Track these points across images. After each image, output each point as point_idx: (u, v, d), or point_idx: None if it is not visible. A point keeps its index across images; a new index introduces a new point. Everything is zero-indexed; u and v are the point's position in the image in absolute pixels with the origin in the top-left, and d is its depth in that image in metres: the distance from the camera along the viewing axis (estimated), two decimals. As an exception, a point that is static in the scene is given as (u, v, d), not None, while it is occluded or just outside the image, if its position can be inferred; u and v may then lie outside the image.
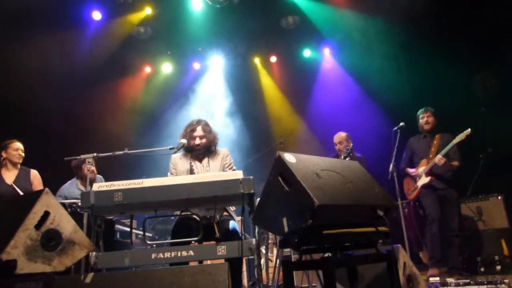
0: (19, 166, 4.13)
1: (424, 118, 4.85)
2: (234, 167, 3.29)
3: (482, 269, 4.45)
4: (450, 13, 5.85)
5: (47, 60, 5.76)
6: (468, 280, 3.35)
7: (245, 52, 7.66)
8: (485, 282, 3.21)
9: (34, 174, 4.18)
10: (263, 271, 4.32)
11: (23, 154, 4.12)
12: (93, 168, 4.29)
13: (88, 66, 6.34)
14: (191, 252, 2.37)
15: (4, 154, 4.03)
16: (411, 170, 4.83)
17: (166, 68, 7.69)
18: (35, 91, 5.62)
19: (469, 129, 4.37)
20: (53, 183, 4.19)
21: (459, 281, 3.41)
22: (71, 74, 6.15)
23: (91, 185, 2.98)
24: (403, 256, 2.93)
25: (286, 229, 2.03)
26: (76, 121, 6.30)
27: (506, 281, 3.20)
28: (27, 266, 1.93)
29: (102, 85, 6.75)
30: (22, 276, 1.99)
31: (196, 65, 7.76)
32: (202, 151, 3.21)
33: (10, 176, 4.03)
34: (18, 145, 4.11)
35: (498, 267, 4.34)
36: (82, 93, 6.33)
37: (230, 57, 7.61)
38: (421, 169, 4.70)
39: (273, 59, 7.78)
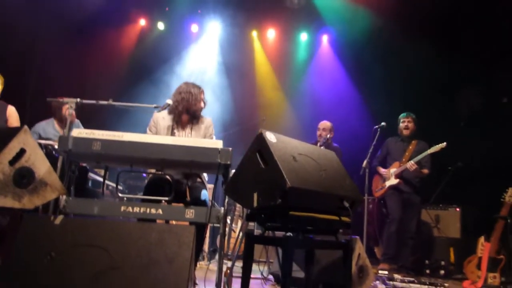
0: None
1: (404, 123, 5.00)
2: (214, 138, 3.33)
3: (427, 271, 4.73)
4: (449, 27, 5.97)
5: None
6: (413, 279, 3.57)
7: (244, 23, 7.56)
8: (427, 283, 3.44)
9: (11, 110, 4.03)
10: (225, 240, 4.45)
11: None
12: (72, 111, 4.24)
13: (81, 11, 6.14)
14: (160, 211, 2.43)
15: None
16: (382, 170, 5.00)
17: (162, 25, 7.53)
18: (25, 31, 5.43)
19: (445, 143, 4.52)
20: (30, 121, 4.13)
21: (404, 278, 3.63)
22: (63, 17, 5.95)
23: (70, 129, 2.97)
24: (359, 248, 3.09)
25: (255, 204, 2.11)
26: (63, 64, 6.13)
27: (446, 285, 3.44)
28: (-4, 199, 1.95)
29: (95, 31, 6.57)
30: (-10, 207, 2.01)
31: (194, 28, 7.62)
32: (198, 115, 3.24)
33: None
34: None
35: (442, 272, 4.64)
36: (74, 38, 6.15)
37: (227, 24, 7.50)
38: (392, 170, 4.88)
39: (271, 33, 7.71)
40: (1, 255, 2.20)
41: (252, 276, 2.31)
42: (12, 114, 4.02)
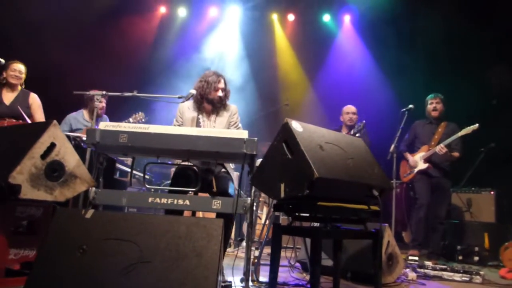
0: (19, 87, 4.11)
1: (432, 104, 4.82)
2: (240, 126, 3.29)
3: (460, 257, 4.57)
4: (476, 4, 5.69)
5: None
6: (445, 266, 3.48)
7: (264, 6, 7.45)
8: (461, 271, 3.33)
9: (33, 97, 4.15)
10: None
11: (20, 76, 4.05)
12: (103, 104, 4.33)
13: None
14: (187, 202, 2.43)
15: (4, 74, 4.01)
16: (410, 159, 4.83)
17: (183, 11, 7.51)
18: (47, 22, 5.51)
19: (477, 125, 4.33)
20: (51, 110, 4.21)
21: (436, 265, 3.54)
22: (84, 6, 5.99)
23: (97, 120, 3.02)
24: (388, 235, 3.03)
25: (282, 194, 2.08)
26: (85, 55, 6.20)
27: (481, 273, 3.32)
28: (30, 192, 1.99)
29: (115, 20, 6.59)
30: (25, 201, 2.07)
31: (214, 11, 7.53)
32: (218, 104, 3.20)
33: (9, 97, 4.02)
34: (18, 66, 4.05)
35: (476, 258, 4.46)
36: (92, 27, 6.19)
37: (247, 7, 7.40)
38: (421, 154, 4.73)
39: (291, 17, 7.57)
40: (35, 245, 2.29)
41: (279, 265, 2.30)
42: (35, 101, 4.13)
